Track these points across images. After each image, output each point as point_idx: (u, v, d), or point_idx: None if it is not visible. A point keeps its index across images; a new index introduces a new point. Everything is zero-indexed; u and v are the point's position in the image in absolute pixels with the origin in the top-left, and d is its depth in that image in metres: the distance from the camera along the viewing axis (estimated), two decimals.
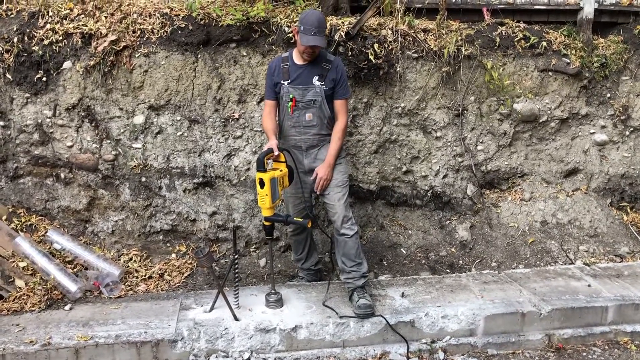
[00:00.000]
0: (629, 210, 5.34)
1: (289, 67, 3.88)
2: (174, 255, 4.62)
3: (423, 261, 4.74)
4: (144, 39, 4.54)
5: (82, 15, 4.57)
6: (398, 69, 4.81)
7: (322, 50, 3.94)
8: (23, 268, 4.10)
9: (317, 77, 3.84)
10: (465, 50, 4.90)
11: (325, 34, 3.81)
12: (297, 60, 3.88)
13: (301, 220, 3.79)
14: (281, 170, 3.72)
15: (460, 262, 4.76)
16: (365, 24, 4.77)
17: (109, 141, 4.59)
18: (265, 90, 4.05)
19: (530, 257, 4.80)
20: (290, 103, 3.83)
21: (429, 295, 4.05)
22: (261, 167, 3.58)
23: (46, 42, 4.45)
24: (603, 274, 4.45)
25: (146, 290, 4.22)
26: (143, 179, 4.62)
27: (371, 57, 4.68)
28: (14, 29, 4.48)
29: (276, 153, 3.68)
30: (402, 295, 4.04)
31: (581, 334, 3.91)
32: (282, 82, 3.87)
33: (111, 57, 4.48)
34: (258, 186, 3.60)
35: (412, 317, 3.78)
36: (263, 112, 4.04)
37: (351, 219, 3.88)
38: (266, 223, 3.74)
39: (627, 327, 3.97)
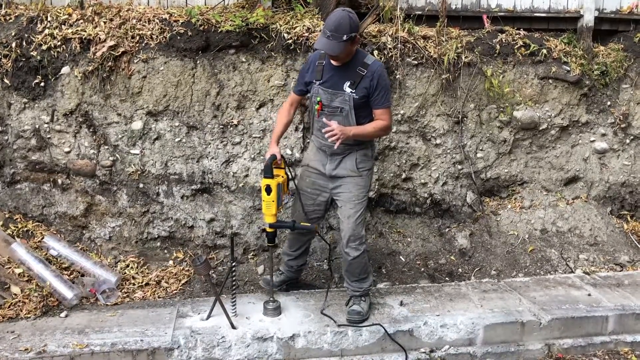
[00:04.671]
0: (629, 218, 5.31)
1: (324, 65, 3.66)
2: (171, 262, 4.58)
3: (422, 269, 4.71)
4: (143, 44, 4.53)
5: (81, 21, 4.55)
6: (398, 76, 4.79)
7: (360, 51, 3.68)
8: (19, 274, 4.07)
9: (348, 83, 3.58)
10: (465, 57, 4.89)
11: (344, 39, 3.40)
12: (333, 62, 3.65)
13: (308, 225, 3.77)
14: (282, 177, 3.72)
15: (460, 270, 4.73)
16: (365, 30, 4.76)
17: (106, 147, 4.57)
18: (296, 81, 3.93)
19: (530, 265, 4.77)
20: (317, 106, 3.65)
21: (428, 304, 4.02)
22: (269, 174, 3.56)
23: (44, 47, 4.44)
24: (603, 283, 4.42)
25: (143, 297, 4.19)
26: (141, 185, 4.60)
27: None
28: (13, 34, 4.47)
29: (279, 159, 3.68)
30: (401, 303, 4.01)
31: (581, 343, 3.88)
32: (314, 81, 3.68)
33: (110, 63, 4.46)
34: (264, 193, 3.57)
35: (411, 326, 3.75)
36: (283, 103, 3.91)
37: (360, 239, 3.72)
38: (270, 230, 3.71)
39: (627, 337, 3.94)
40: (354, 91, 3.58)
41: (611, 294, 4.22)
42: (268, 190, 3.56)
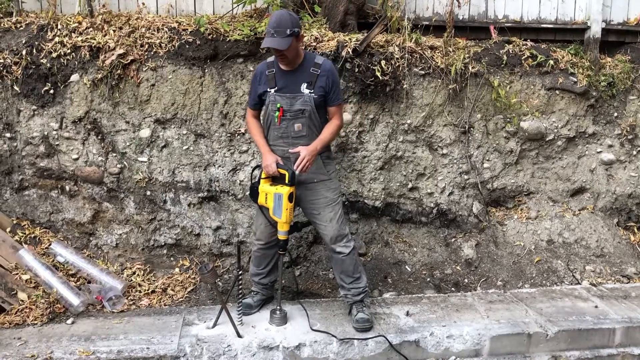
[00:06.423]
0: (636, 230, 5.29)
1: (275, 73, 3.67)
2: (177, 269, 4.59)
3: (428, 279, 4.70)
4: (152, 53, 4.56)
5: (91, 29, 4.59)
6: (405, 86, 4.81)
7: (308, 54, 3.76)
8: (26, 281, 4.08)
9: (305, 85, 3.62)
10: (472, 67, 4.90)
11: (288, 33, 3.44)
12: (283, 65, 3.67)
13: (305, 220, 3.91)
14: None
15: (466, 280, 4.72)
16: (373, 40, 4.78)
17: (114, 154, 4.59)
18: (249, 97, 3.92)
19: (536, 276, 4.76)
20: (277, 113, 3.65)
21: (434, 315, 4.01)
22: (293, 181, 3.58)
23: (54, 54, 4.47)
24: (610, 295, 4.41)
25: (149, 304, 4.20)
26: (148, 193, 4.61)
27: (378, 74, 4.68)
28: (23, 42, 4.50)
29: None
30: (407, 314, 4.01)
31: (588, 356, 3.86)
32: (268, 89, 3.67)
33: (118, 71, 4.49)
34: (286, 200, 3.58)
35: (417, 336, 3.74)
36: (247, 121, 3.92)
37: (346, 236, 3.77)
38: (285, 237, 3.73)
39: (634, 350, 3.92)
40: (312, 91, 3.62)
41: (618, 306, 4.20)
42: (290, 197, 3.59)
